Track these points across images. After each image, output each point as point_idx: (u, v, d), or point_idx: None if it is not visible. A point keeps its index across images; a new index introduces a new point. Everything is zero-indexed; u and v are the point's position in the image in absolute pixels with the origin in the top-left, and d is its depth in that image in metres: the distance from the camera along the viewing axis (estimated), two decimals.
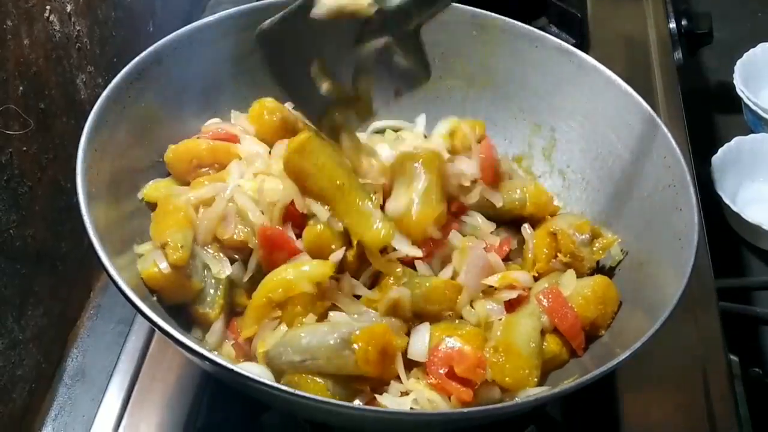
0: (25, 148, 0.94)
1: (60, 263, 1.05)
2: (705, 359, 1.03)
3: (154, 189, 0.94)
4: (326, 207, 0.84)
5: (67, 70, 1.04)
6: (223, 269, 0.86)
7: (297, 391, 0.66)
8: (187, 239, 0.84)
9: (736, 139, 1.48)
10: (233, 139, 0.98)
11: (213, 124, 1.01)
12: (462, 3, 1.08)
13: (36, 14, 0.96)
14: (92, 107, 0.87)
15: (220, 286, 0.86)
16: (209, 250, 0.87)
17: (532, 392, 0.78)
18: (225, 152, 0.96)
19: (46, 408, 1.01)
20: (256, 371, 0.79)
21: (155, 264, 0.83)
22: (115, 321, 1.09)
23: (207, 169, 0.95)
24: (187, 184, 0.95)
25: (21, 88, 0.92)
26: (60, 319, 1.06)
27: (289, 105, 1.03)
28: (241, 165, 0.94)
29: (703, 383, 1.00)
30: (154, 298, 0.84)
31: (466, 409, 0.66)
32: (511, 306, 0.86)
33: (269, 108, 1.00)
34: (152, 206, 0.93)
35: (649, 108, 0.96)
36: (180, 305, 0.87)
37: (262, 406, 0.92)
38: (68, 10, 1.03)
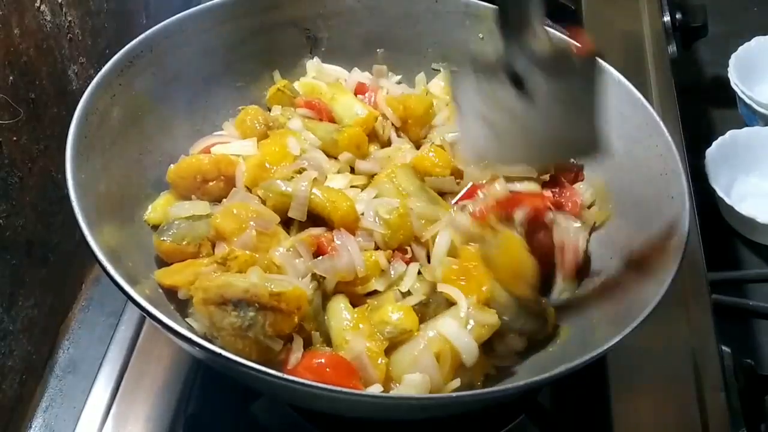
0: (15, 138, 0.94)
1: (51, 254, 1.04)
2: (697, 351, 1.03)
3: (154, 211, 0.94)
4: None
5: (59, 60, 1.04)
6: None
7: (286, 376, 0.66)
8: None
9: (730, 133, 1.48)
10: None
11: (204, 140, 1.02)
12: None
13: (27, 4, 0.96)
14: None
15: None
16: None
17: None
18: (228, 164, 0.95)
19: (37, 399, 1.01)
20: None
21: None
22: (106, 313, 1.09)
23: (213, 182, 0.95)
24: (190, 200, 0.94)
25: (11, 77, 0.92)
26: (51, 311, 1.05)
27: (276, 110, 1.03)
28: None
29: (695, 374, 1.00)
30: (148, 291, 0.84)
31: (454, 394, 0.66)
32: None
33: (252, 115, 1.01)
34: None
35: (641, 97, 0.96)
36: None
37: (251, 394, 0.92)
38: (59, 1, 1.03)
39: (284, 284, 0.78)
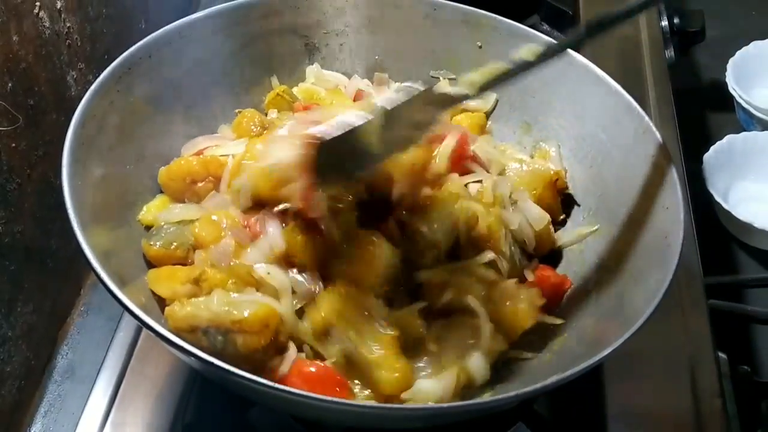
0: (14, 144, 0.94)
1: (50, 260, 1.05)
2: (693, 356, 1.03)
3: (148, 212, 0.94)
4: None
5: (57, 66, 1.04)
6: None
7: (282, 387, 0.66)
8: None
9: (728, 138, 1.48)
10: None
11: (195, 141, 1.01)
12: (454, 0, 1.09)
13: (25, 10, 0.96)
14: None
15: None
16: None
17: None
18: (217, 165, 0.95)
19: (36, 404, 1.01)
20: None
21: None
22: (105, 318, 1.09)
23: (202, 183, 0.94)
24: (183, 201, 0.94)
25: (10, 84, 0.92)
26: (50, 316, 1.06)
27: (272, 113, 1.03)
28: None
29: (692, 380, 1.00)
30: (143, 299, 0.84)
31: (448, 404, 0.66)
32: None
33: (248, 117, 1.01)
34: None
35: (638, 106, 0.96)
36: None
37: (249, 401, 0.92)
38: (58, 7, 1.03)
39: (248, 305, 0.78)
